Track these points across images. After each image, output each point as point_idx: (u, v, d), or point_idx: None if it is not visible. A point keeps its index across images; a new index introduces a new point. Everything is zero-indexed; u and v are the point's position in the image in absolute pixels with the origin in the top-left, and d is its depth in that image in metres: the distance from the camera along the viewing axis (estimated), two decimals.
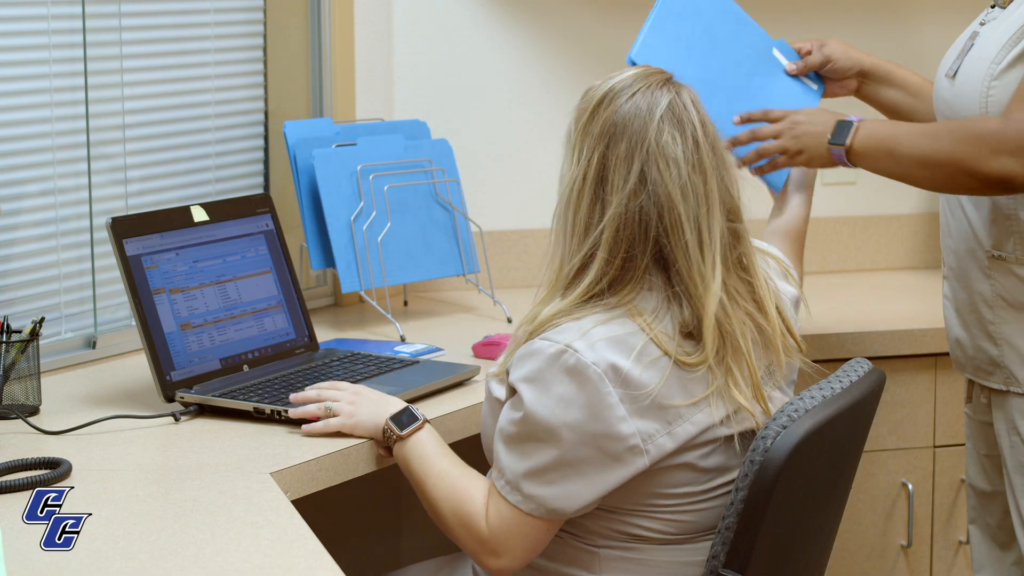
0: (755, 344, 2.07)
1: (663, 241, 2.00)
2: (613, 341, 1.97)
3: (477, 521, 2.06)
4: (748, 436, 2.06)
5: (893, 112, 2.69)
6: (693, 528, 2.08)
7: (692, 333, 2.01)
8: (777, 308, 2.12)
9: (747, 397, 2.03)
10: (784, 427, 1.98)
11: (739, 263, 2.06)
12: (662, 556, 2.08)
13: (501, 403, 2.09)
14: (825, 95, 2.71)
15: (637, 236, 2.00)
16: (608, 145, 2.01)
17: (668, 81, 2.05)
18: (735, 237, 2.05)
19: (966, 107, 2.35)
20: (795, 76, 2.66)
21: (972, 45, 2.38)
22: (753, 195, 2.14)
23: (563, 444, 1.98)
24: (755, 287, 2.08)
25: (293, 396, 2.30)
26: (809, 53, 2.67)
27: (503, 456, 2.03)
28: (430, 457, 2.14)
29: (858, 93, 2.71)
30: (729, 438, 2.04)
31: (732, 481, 2.06)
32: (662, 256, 2.01)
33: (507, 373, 2.06)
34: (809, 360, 2.18)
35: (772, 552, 2.02)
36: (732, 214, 2.05)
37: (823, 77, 2.70)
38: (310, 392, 2.28)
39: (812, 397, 2.05)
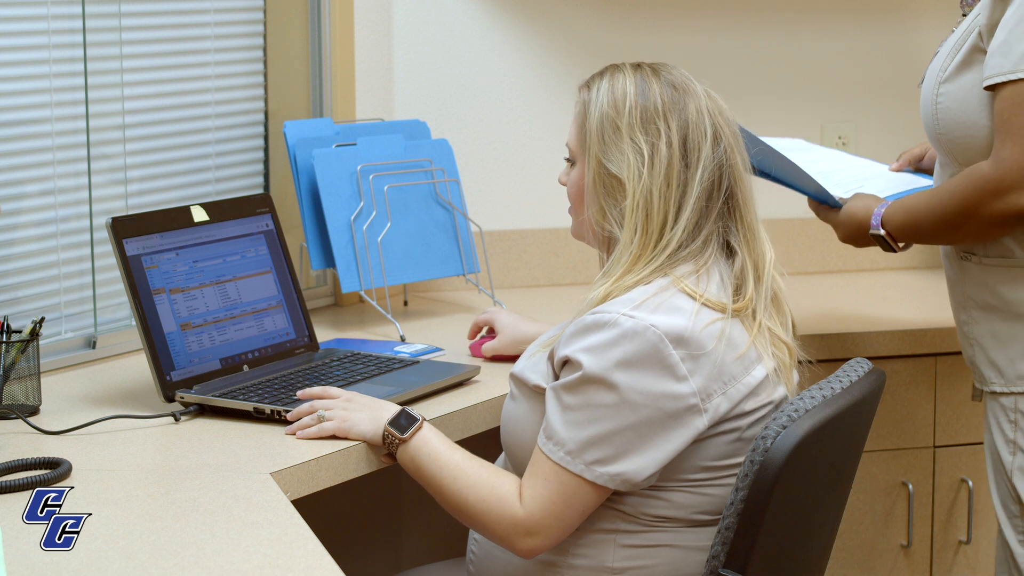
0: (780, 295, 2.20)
1: (734, 189, 2.13)
2: (667, 307, 2.05)
3: (510, 503, 2.07)
4: (781, 401, 2.14)
5: None
6: (720, 505, 2.11)
7: (739, 284, 2.11)
8: None
9: (784, 336, 2.15)
10: (784, 427, 1.98)
11: None
12: (678, 540, 2.11)
13: (540, 389, 2.12)
14: None
15: (716, 188, 2.11)
16: (680, 112, 2.12)
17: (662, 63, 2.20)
18: None
19: (924, 113, 2.42)
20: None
21: (936, 54, 2.43)
22: None
23: (625, 408, 2.02)
24: None
25: (301, 393, 2.32)
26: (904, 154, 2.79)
27: (561, 428, 2.05)
28: (441, 454, 2.15)
29: None
30: (771, 408, 2.12)
31: None
32: (728, 208, 2.13)
33: (549, 358, 2.11)
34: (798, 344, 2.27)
35: (772, 552, 2.02)
36: None
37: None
38: (303, 406, 2.29)
39: (812, 397, 2.05)
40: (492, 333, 2.73)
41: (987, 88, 2.26)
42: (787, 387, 2.16)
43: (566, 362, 2.07)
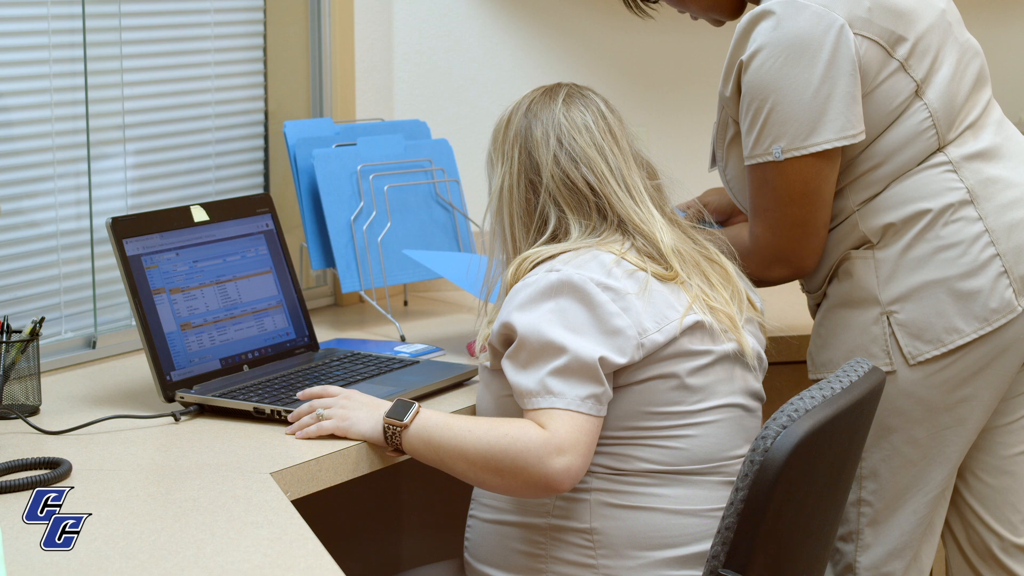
0: (716, 276, 2.25)
1: (598, 196, 2.22)
2: (588, 262, 2.15)
3: (532, 427, 2.09)
4: (733, 358, 2.20)
5: None
6: (685, 458, 2.16)
7: (654, 256, 2.19)
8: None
9: (723, 303, 2.21)
10: (784, 427, 1.98)
11: (673, 215, 2.30)
12: (654, 502, 2.15)
13: (491, 367, 2.21)
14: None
15: (576, 197, 2.22)
16: (526, 137, 2.26)
17: (561, 83, 2.31)
18: (659, 192, 2.29)
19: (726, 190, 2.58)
20: None
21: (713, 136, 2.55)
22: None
23: (569, 345, 2.09)
24: (695, 238, 2.28)
25: (301, 394, 2.32)
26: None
27: (521, 380, 2.11)
28: (448, 419, 2.18)
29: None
30: (716, 359, 2.18)
31: (720, 407, 2.19)
32: (602, 210, 2.22)
33: (491, 340, 2.18)
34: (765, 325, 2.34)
35: (772, 552, 2.02)
36: (650, 172, 2.29)
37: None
38: (303, 406, 2.29)
39: (812, 397, 2.05)
40: None
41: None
42: (741, 345, 2.21)
43: (505, 331, 2.14)
